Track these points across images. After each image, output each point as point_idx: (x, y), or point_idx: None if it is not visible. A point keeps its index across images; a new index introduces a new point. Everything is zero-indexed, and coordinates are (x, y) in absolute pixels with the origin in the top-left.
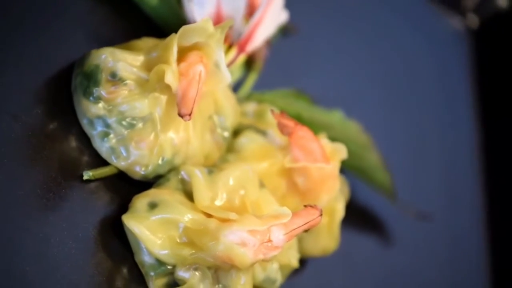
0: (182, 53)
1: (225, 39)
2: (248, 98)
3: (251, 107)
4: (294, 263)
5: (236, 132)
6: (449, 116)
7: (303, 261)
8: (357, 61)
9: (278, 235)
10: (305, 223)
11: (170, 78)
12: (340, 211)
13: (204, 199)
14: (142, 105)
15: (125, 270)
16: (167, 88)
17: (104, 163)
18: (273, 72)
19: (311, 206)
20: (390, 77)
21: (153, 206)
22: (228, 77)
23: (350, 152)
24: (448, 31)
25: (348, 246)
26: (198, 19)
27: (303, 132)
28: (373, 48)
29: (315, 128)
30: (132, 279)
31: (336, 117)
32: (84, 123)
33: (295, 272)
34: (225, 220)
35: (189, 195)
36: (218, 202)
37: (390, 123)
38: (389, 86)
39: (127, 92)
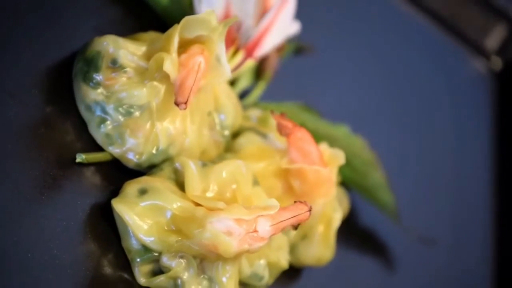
0: (185, 46)
1: (233, 42)
2: (254, 106)
3: (255, 112)
4: (284, 263)
5: (237, 134)
6: (464, 151)
7: (298, 272)
8: (372, 88)
9: (264, 226)
10: (293, 217)
11: (169, 66)
12: (336, 220)
13: (195, 189)
14: (140, 93)
15: (111, 255)
16: (166, 78)
17: (99, 150)
18: (281, 85)
19: (300, 202)
20: (407, 110)
21: (143, 192)
22: (228, 71)
23: (353, 168)
24: (470, 72)
25: (347, 264)
26: None
27: (302, 134)
28: (391, 79)
29: (320, 140)
30: (118, 265)
31: (341, 131)
32: (82, 108)
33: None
34: (213, 209)
35: (181, 185)
36: (209, 194)
37: (401, 148)
38: (405, 117)
39: (126, 80)
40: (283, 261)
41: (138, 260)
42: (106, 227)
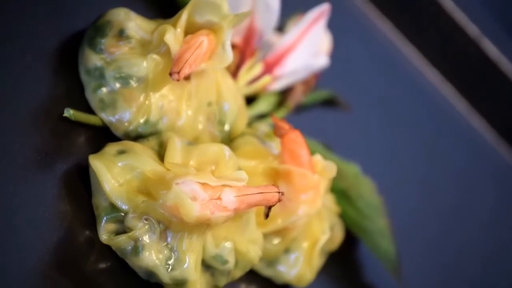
0: (194, 32)
1: (252, 54)
2: (262, 120)
3: (262, 127)
4: (253, 256)
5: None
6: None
7: None
8: (394, 145)
9: (229, 196)
10: (260, 193)
11: (170, 37)
12: (321, 239)
13: (172, 161)
14: (139, 64)
15: (79, 212)
16: (167, 53)
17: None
18: (300, 117)
19: (273, 185)
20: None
21: (121, 152)
22: (230, 58)
23: (358, 209)
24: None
25: None
26: None
27: (295, 136)
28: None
29: None
30: (83, 222)
31: (352, 169)
32: (82, 72)
33: None
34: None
35: (162, 158)
36: None
37: (411, 201)
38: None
39: (128, 49)
40: (253, 254)
41: (104, 217)
42: (80, 186)
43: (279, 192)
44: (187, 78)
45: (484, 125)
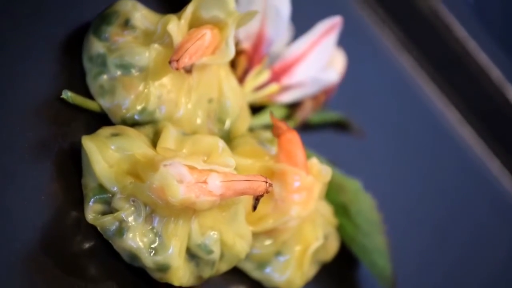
0: (199, 26)
1: (260, 60)
2: (266, 128)
3: (265, 134)
4: (239, 250)
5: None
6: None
7: None
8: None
9: (215, 180)
10: (247, 180)
11: (173, 27)
12: (313, 244)
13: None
14: (142, 53)
15: (68, 191)
16: (170, 44)
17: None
18: (306, 135)
19: (260, 175)
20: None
21: (115, 135)
22: (231, 53)
23: (356, 225)
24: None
25: None
26: (241, 35)
27: (292, 136)
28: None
29: (329, 185)
30: (71, 201)
31: (353, 184)
32: (85, 58)
33: None
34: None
35: (155, 145)
36: None
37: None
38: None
39: (131, 38)
40: (240, 248)
41: (92, 198)
42: (73, 169)
43: (266, 182)
44: (189, 71)
45: (498, 167)
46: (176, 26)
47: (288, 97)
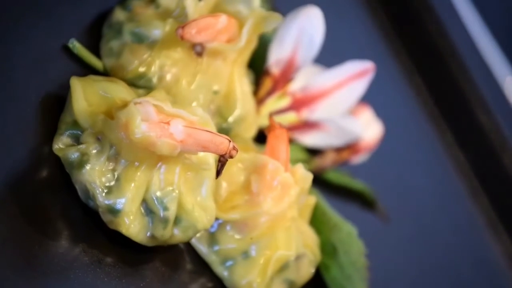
0: None
1: (284, 84)
2: None
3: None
4: (198, 218)
5: None
6: None
7: None
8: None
9: (177, 124)
10: (209, 132)
11: (190, 2)
12: (283, 253)
13: None
14: (159, 27)
15: (46, 124)
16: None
17: None
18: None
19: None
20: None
21: (105, 81)
22: (243, 41)
23: (340, 265)
24: None
25: None
26: (273, 56)
27: (280, 133)
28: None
29: (325, 223)
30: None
31: (348, 227)
32: (105, 25)
33: None
34: None
35: None
36: None
37: None
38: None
39: (152, 12)
40: (198, 217)
41: (64, 131)
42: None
43: (230, 141)
44: (200, 54)
45: None
46: (193, 2)
47: (308, 140)
